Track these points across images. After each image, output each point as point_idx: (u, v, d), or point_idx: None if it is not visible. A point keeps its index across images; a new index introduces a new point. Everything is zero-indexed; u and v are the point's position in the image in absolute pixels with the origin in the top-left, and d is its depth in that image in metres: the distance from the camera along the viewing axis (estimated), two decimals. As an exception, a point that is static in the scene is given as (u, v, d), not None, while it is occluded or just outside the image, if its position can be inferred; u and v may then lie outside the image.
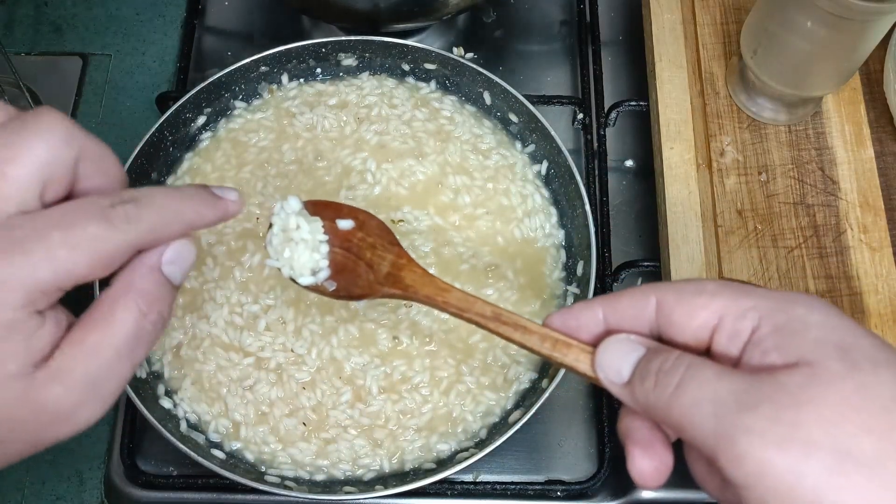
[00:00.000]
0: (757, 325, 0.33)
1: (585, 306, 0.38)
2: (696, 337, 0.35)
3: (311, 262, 0.47)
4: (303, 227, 0.47)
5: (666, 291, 0.36)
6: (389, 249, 0.49)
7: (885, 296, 0.63)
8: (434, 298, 0.45)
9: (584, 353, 0.37)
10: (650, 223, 0.72)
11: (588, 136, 0.73)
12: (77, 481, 0.65)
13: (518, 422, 0.56)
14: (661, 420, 0.34)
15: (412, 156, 0.68)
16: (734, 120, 0.69)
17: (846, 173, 0.67)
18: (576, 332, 0.38)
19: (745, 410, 0.30)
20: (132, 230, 0.33)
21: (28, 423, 0.32)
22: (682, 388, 0.32)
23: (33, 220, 0.32)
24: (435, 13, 0.73)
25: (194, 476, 0.62)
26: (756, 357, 0.33)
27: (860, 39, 0.60)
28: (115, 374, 0.34)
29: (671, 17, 0.73)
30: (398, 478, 0.58)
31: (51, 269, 0.31)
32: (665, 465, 0.35)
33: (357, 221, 0.50)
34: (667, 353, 0.34)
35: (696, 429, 0.31)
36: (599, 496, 0.63)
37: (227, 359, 0.61)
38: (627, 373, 0.35)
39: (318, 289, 0.48)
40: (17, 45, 0.82)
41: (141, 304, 0.34)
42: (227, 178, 0.67)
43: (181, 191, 0.37)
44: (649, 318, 0.36)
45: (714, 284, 0.35)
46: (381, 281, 0.48)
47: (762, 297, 0.34)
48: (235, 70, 0.68)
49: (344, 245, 0.49)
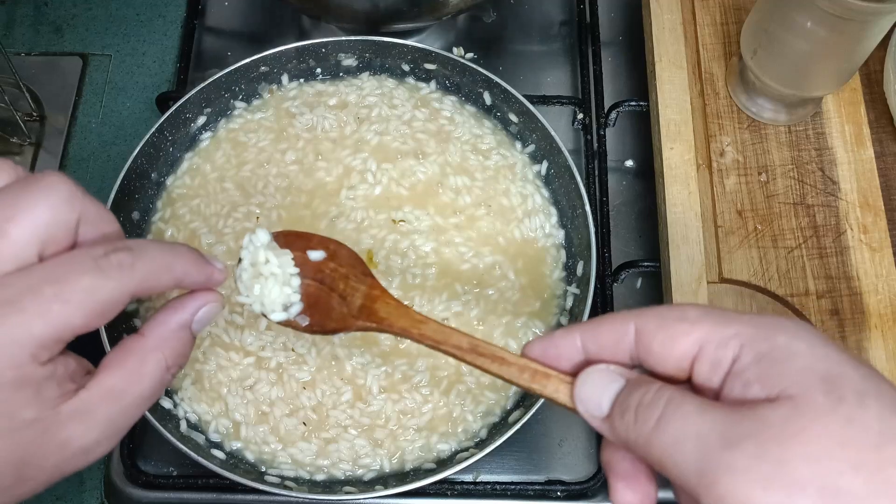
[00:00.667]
0: (738, 353, 0.32)
1: (564, 333, 0.37)
2: (677, 366, 0.34)
3: (282, 297, 0.46)
4: (272, 261, 0.45)
5: (647, 319, 0.34)
6: (362, 280, 0.48)
7: (885, 296, 0.63)
8: (409, 331, 0.44)
9: (563, 383, 0.36)
10: (650, 223, 0.72)
11: (588, 136, 0.73)
12: (77, 481, 0.65)
13: (518, 422, 0.56)
14: (642, 456, 0.33)
15: (412, 156, 0.68)
16: (734, 120, 0.69)
17: (846, 173, 0.67)
18: (555, 361, 0.37)
19: (727, 448, 0.29)
20: (125, 278, 0.34)
21: (51, 457, 0.34)
22: (663, 424, 0.31)
23: (28, 277, 0.33)
24: (435, 13, 0.73)
25: (194, 476, 0.61)
26: (737, 389, 0.31)
27: (860, 39, 0.60)
28: (133, 416, 0.37)
29: (671, 17, 0.73)
30: (398, 478, 0.58)
31: (47, 324, 0.32)
32: (649, 498, 0.35)
33: (328, 251, 0.48)
34: (647, 385, 0.33)
35: (678, 467, 0.30)
36: (599, 496, 0.63)
37: (228, 358, 0.61)
38: (607, 406, 0.34)
39: (291, 324, 0.47)
40: (17, 45, 0.82)
41: (169, 360, 0.37)
42: (227, 177, 0.67)
43: (172, 246, 0.38)
44: (629, 345, 0.35)
45: (696, 311, 0.33)
46: (355, 314, 0.46)
47: (745, 324, 0.32)
48: (235, 70, 0.68)
49: (316, 276, 0.48)
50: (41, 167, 0.76)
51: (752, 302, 0.63)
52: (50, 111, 0.79)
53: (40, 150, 0.77)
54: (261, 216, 0.65)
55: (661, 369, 0.34)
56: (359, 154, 0.68)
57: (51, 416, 0.34)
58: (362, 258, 0.49)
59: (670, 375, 0.34)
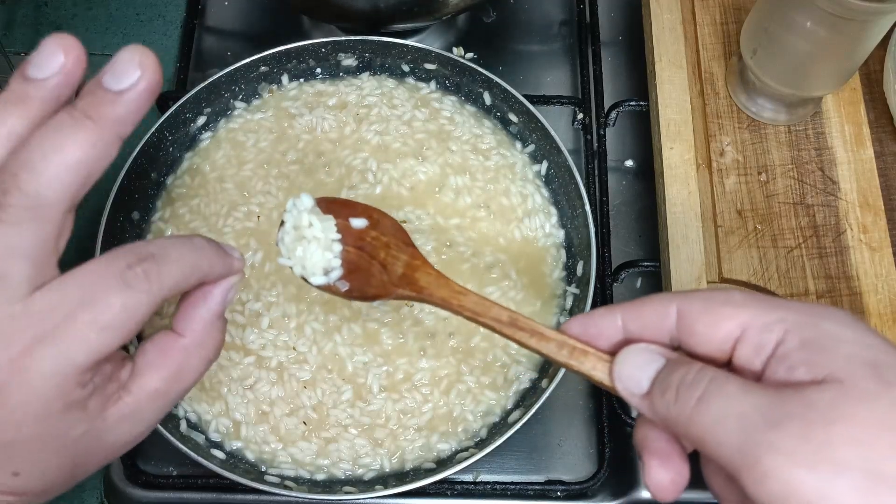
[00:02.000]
0: (782, 338, 0.32)
1: (606, 312, 0.37)
2: (719, 348, 0.34)
3: (323, 262, 0.46)
4: (315, 225, 0.46)
5: (692, 300, 0.35)
6: (404, 250, 0.48)
7: (885, 296, 0.63)
8: (449, 302, 0.44)
9: (601, 361, 0.37)
10: (650, 223, 0.72)
11: (588, 136, 0.73)
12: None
13: (518, 422, 0.56)
14: (680, 434, 0.33)
15: (413, 156, 0.68)
16: (734, 120, 0.69)
17: (846, 173, 0.67)
18: (594, 339, 0.37)
19: (771, 427, 0.29)
20: (154, 288, 0.34)
21: (100, 455, 0.36)
22: (705, 402, 0.32)
23: (60, 302, 0.32)
24: (435, 13, 0.73)
25: (194, 476, 0.61)
26: (781, 371, 0.32)
27: (860, 39, 0.60)
28: (174, 405, 0.39)
29: (671, 17, 0.73)
30: (398, 477, 0.58)
31: (88, 352, 0.33)
32: (682, 478, 0.35)
33: (371, 220, 0.48)
34: (688, 364, 0.34)
35: (720, 445, 0.31)
36: (599, 496, 0.63)
37: (228, 358, 0.61)
38: (646, 384, 0.35)
39: (331, 289, 0.47)
40: (17, 45, 0.82)
41: (211, 354, 0.39)
42: (227, 177, 0.67)
43: (191, 242, 0.37)
44: (670, 327, 0.35)
45: (741, 295, 0.34)
46: (395, 282, 0.47)
47: (790, 310, 0.33)
48: (235, 70, 0.68)
49: (357, 244, 0.48)
50: (41, 167, 0.76)
51: (752, 302, 0.63)
52: (50, 111, 0.78)
53: (40, 149, 0.77)
54: (261, 215, 0.65)
55: (703, 350, 0.35)
56: (359, 154, 0.68)
57: (99, 423, 0.35)
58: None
59: (711, 357, 0.34)
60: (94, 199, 0.74)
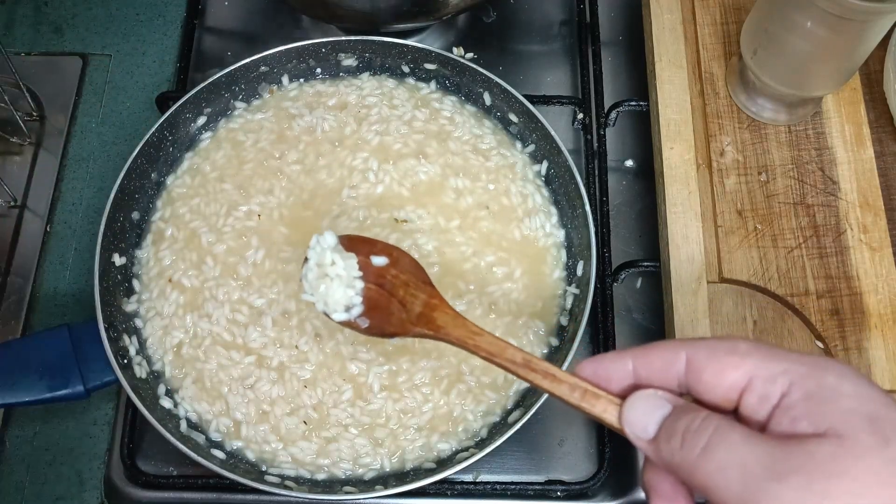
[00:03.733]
0: (787, 389, 0.33)
1: (616, 357, 0.38)
2: (725, 397, 0.35)
3: (344, 299, 0.48)
4: (338, 263, 0.47)
5: (698, 348, 0.36)
6: (422, 289, 0.50)
7: (885, 296, 0.63)
8: (465, 342, 0.45)
9: (611, 404, 0.38)
10: (650, 223, 0.72)
11: (588, 136, 0.73)
12: (77, 481, 0.65)
13: (518, 422, 0.56)
14: (685, 479, 0.34)
15: (413, 156, 0.68)
16: (734, 120, 0.69)
17: (846, 173, 0.67)
18: (605, 382, 0.38)
19: (773, 479, 0.30)
20: None
21: None
22: (710, 450, 0.33)
23: None
24: (435, 13, 0.73)
25: (194, 476, 0.61)
26: (785, 423, 0.33)
27: (860, 39, 0.60)
28: None
29: (671, 17, 0.73)
30: (398, 477, 0.58)
31: None
32: None
33: (391, 258, 0.50)
34: (694, 412, 0.34)
35: (722, 493, 0.32)
36: (599, 496, 0.63)
37: (229, 357, 0.61)
38: (653, 430, 0.36)
39: (351, 325, 0.49)
40: (17, 45, 0.82)
41: None
42: (226, 177, 0.67)
43: None
44: (678, 373, 0.36)
45: (746, 344, 0.35)
46: (413, 320, 0.48)
47: (794, 362, 0.34)
48: (235, 70, 0.68)
49: (378, 281, 0.50)
50: (41, 167, 0.76)
51: (751, 302, 0.63)
52: (50, 111, 0.79)
53: (40, 149, 0.77)
54: (262, 215, 0.65)
55: (709, 398, 0.35)
56: (359, 154, 0.68)
57: None
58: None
59: (717, 405, 0.35)
60: (95, 199, 0.75)
